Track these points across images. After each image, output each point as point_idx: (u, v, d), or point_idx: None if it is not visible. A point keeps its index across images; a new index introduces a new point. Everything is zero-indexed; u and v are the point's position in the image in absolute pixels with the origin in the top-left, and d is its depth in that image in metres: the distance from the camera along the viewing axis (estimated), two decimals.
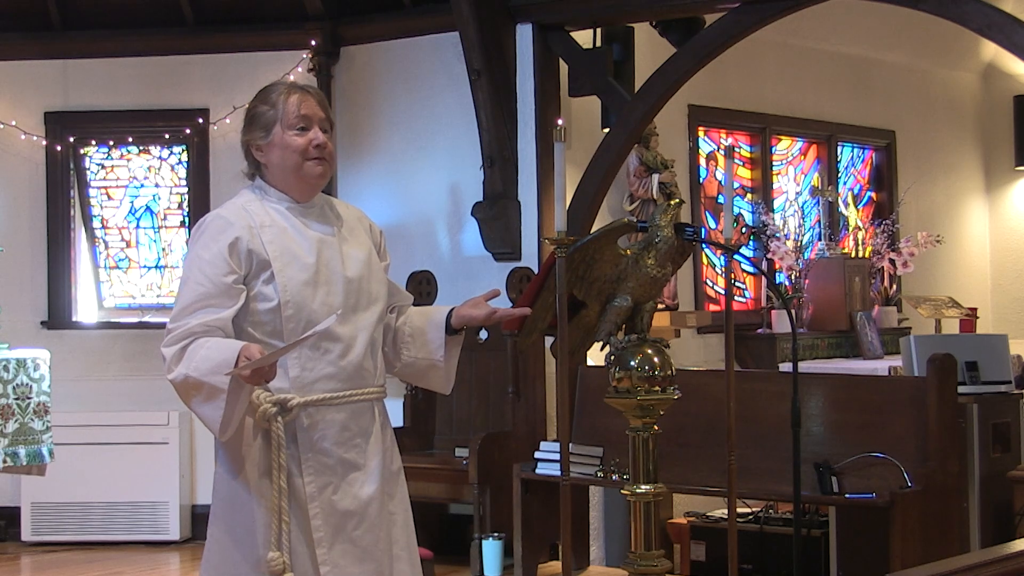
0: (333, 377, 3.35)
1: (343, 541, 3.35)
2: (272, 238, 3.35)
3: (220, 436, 3.26)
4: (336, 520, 3.35)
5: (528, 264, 7.30)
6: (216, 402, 3.20)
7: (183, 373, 3.23)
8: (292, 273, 3.33)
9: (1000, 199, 10.89)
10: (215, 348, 3.22)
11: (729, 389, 4.20)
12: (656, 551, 3.99)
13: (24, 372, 6.54)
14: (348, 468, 3.37)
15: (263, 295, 3.32)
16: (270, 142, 3.41)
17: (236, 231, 3.33)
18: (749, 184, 9.17)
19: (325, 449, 3.35)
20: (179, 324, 3.28)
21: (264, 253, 3.33)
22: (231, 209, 3.41)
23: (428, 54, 7.72)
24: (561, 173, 3.79)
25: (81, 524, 7.88)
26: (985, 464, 6.26)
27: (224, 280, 3.29)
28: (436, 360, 3.55)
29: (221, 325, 3.28)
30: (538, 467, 6.44)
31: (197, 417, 3.32)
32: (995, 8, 6.18)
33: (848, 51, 9.61)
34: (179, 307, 3.31)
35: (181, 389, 3.27)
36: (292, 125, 3.39)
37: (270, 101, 3.43)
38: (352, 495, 3.36)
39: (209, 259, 3.31)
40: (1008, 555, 2.68)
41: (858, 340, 8.83)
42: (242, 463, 3.34)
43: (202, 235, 3.37)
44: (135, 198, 8.37)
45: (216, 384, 3.18)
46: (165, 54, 8.18)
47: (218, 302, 3.28)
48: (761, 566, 6.53)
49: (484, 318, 3.52)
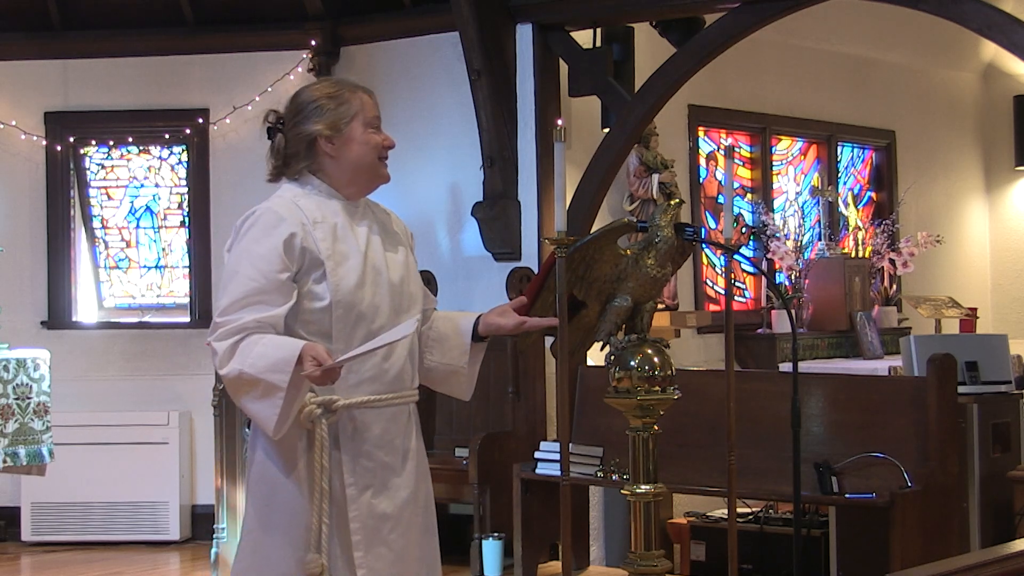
0: (376, 380, 3.33)
1: (379, 544, 3.33)
2: (324, 236, 3.31)
3: (273, 435, 3.23)
4: (374, 523, 3.33)
5: (528, 264, 7.30)
6: (272, 400, 3.17)
7: (237, 368, 3.20)
8: (343, 273, 3.29)
9: (1000, 199, 10.89)
10: (272, 345, 3.19)
11: (729, 389, 4.19)
12: (656, 551, 3.99)
13: (24, 372, 6.54)
14: (387, 471, 3.36)
15: (314, 294, 3.28)
16: (347, 136, 3.37)
17: (290, 227, 3.29)
18: (749, 184, 9.17)
19: (367, 452, 3.33)
20: (230, 318, 3.24)
21: (317, 251, 3.29)
22: (281, 204, 3.35)
23: (428, 54, 7.72)
24: (561, 173, 3.79)
25: (81, 524, 7.89)
26: (985, 464, 6.26)
27: (278, 276, 3.25)
28: (459, 367, 3.52)
29: (274, 323, 3.24)
30: (538, 467, 6.44)
31: (247, 413, 3.29)
32: (995, 8, 6.18)
33: (848, 51, 9.61)
34: (229, 300, 3.27)
35: (233, 385, 3.25)
36: (371, 124, 3.40)
37: (341, 97, 3.39)
38: (389, 498, 3.35)
39: (262, 254, 3.26)
40: (1008, 555, 2.68)
41: (858, 340, 8.83)
42: (282, 463, 3.30)
43: (252, 228, 3.32)
44: (135, 198, 8.38)
45: (274, 382, 3.15)
46: (165, 54, 8.18)
47: (270, 299, 3.24)
48: (761, 566, 6.53)
49: (513, 327, 3.51)
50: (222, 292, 3.31)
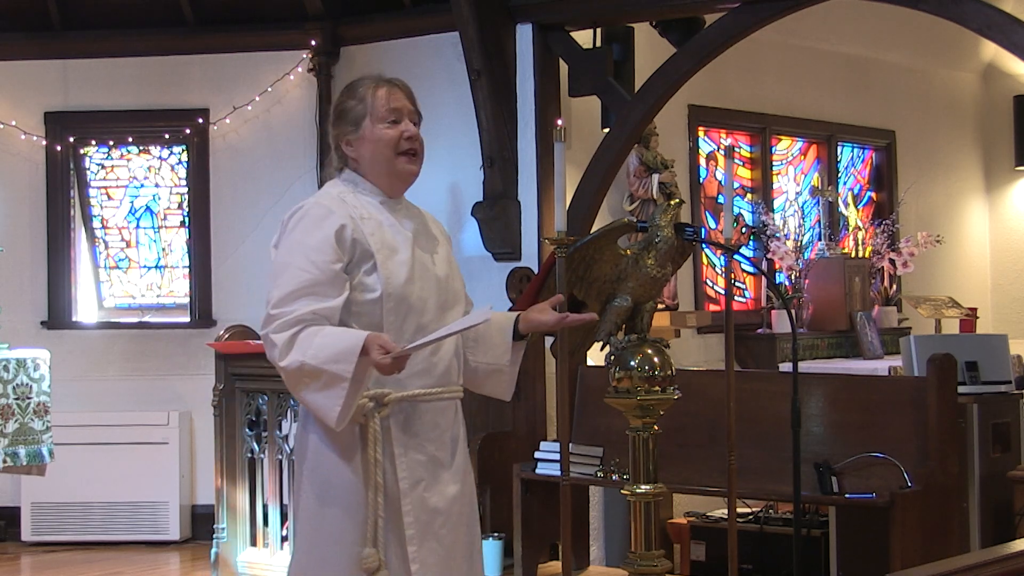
0: (426, 373, 3.35)
1: (431, 539, 3.34)
2: (372, 230, 3.33)
3: (336, 426, 3.21)
4: (426, 517, 3.34)
5: (528, 264, 7.30)
6: (335, 390, 3.16)
7: (298, 360, 3.18)
8: (394, 267, 3.31)
9: (1000, 199, 10.89)
10: (334, 336, 3.19)
11: (729, 389, 4.20)
12: (656, 551, 3.99)
13: (24, 372, 6.54)
14: (437, 466, 3.37)
15: (364, 285, 3.29)
16: (360, 136, 3.40)
17: (340, 219, 3.30)
18: (749, 184, 9.17)
19: (418, 446, 3.35)
20: (286, 310, 3.23)
21: (367, 244, 3.30)
22: (327, 198, 3.37)
23: (428, 54, 7.72)
24: (561, 173, 3.79)
25: (81, 524, 7.89)
26: (985, 464, 6.26)
27: (332, 267, 3.26)
28: (502, 365, 3.52)
29: (329, 315, 3.24)
30: (538, 467, 6.44)
31: (307, 405, 3.27)
32: (995, 8, 6.18)
33: (848, 51, 9.61)
34: (282, 293, 3.25)
35: (294, 377, 3.22)
36: (383, 118, 3.39)
37: (358, 95, 3.43)
38: (440, 492, 3.36)
39: (315, 245, 3.27)
40: (1008, 555, 2.68)
41: (858, 340, 8.83)
42: (336, 457, 3.30)
43: (301, 220, 3.33)
44: (135, 198, 8.38)
45: (338, 372, 3.14)
46: (165, 54, 8.18)
47: (324, 290, 3.24)
48: (761, 566, 6.53)
49: (553, 323, 3.49)
50: (273, 285, 3.29)
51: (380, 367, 3.14)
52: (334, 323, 3.25)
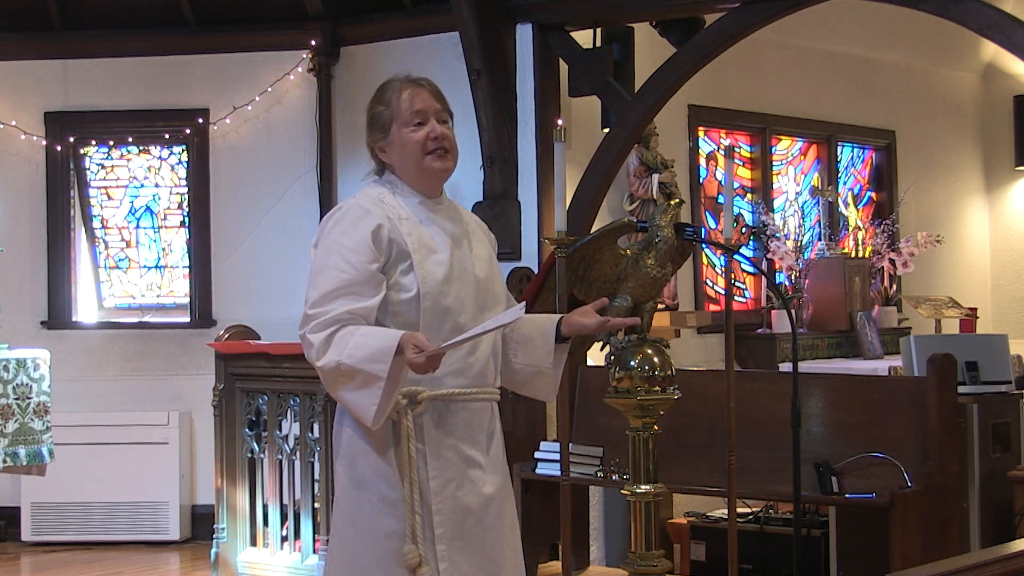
0: (461, 373, 3.36)
1: (461, 538, 3.35)
2: (410, 230, 3.35)
3: (372, 425, 3.23)
4: (458, 517, 3.35)
5: (528, 264, 7.30)
6: (371, 390, 3.18)
7: (335, 360, 3.21)
8: (430, 267, 3.33)
9: (1000, 199, 10.89)
10: (370, 335, 3.21)
11: (729, 389, 4.20)
12: (656, 551, 3.99)
13: (24, 372, 6.54)
14: (471, 465, 3.38)
15: (401, 285, 3.31)
16: (390, 142, 3.44)
17: (377, 219, 3.32)
18: (749, 184, 9.17)
19: (451, 444, 3.36)
20: (323, 310, 3.25)
21: (404, 243, 3.32)
22: (366, 199, 3.40)
23: (428, 54, 7.72)
24: (561, 173, 3.79)
25: (81, 524, 7.88)
26: (985, 464, 6.26)
27: (369, 267, 3.28)
28: (544, 367, 3.53)
29: (365, 314, 3.26)
30: (538, 467, 6.44)
31: (343, 404, 3.30)
32: (995, 8, 6.18)
33: (848, 51, 9.61)
34: (320, 293, 3.27)
35: (331, 376, 3.25)
36: (408, 122, 3.42)
37: (385, 100, 3.46)
38: (475, 492, 3.37)
39: (351, 246, 3.29)
40: (1008, 555, 2.68)
41: (858, 340, 8.83)
42: (370, 455, 3.33)
43: (339, 222, 3.35)
44: (135, 198, 8.38)
45: (374, 372, 3.17)
46: (165, 54, 8.18)
47: (361, 290, 3.27)
48: (761, 566, 6.53)
49: (596, 326, 3.52)
50: (311, 285, 3.31)
51: (414, 366, 3.16)
52: (371, 322, 3.27)
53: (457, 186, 7.61)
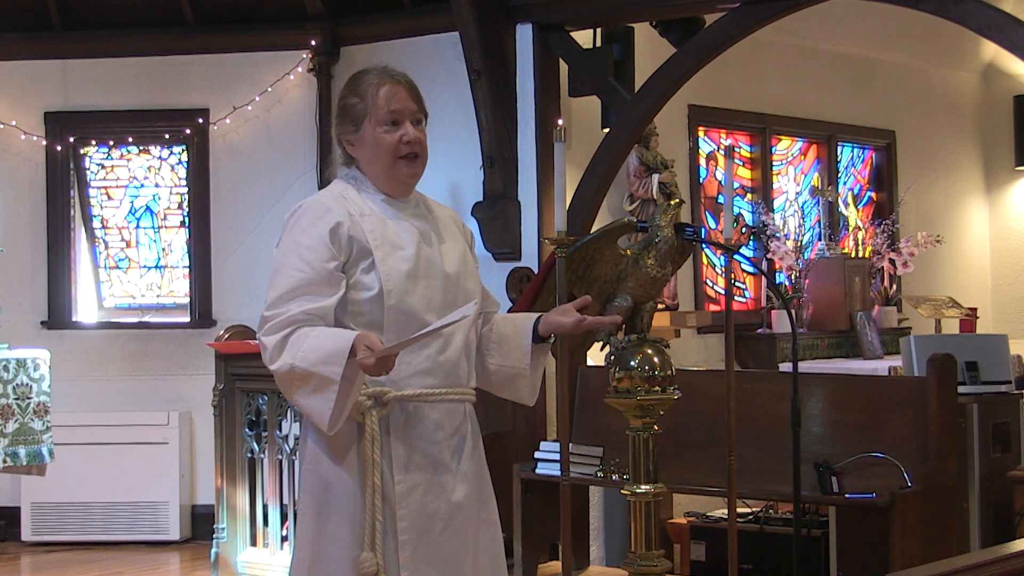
0: (429, 373, 3.24)
1: (427, 545, 3.23)
2: (372, 227, 3.24)
3: (328, 430, 3.13)
4: (424, 523, 3.23)
5: (528, 264, 7.30)
6: (325, 393, 3.09)
7: (288, 363, 3.13)
8: (393, 263, 3.22)
9: (1000, 199, 10.89)
10: (324, 337, 3.11)
11: (729, 389, 4.19)
12: (656, 551, 3.99)
13: (24, 372, 6.54)
14: (440, 470, 3.26)
15: (363, 284, 3.21)
16: (360, 137, 3.32)
17: (337, 216, 3.22)
18: (749, 184, 9.17)
19: (419, 447, 3.24)
20: (278, 311, 3.17)
21: (365, 241, 3.22)
22: (329, 196, 3.30)
23: (428, 54, 7.72)
24: (561, 173, 3.79)
25: (81, 524, 7.89)
26: (985, 464, 6.26)
27: (326, 266, 3.18)
28: (522, 368, 3.41)
29: (323, 314, 3.16)
30: (538, 467, 6.44)
31: (300, 409, 3.21)
32: (995, 8, 6.18)
33: (848, 51, 9.61)
34: (276, 294, 3.19)
35: (284, 380, 3.17)
36: (382, 121, 3.30)
37: (360, 92, 3.35)
38: (443, 498, 3.25)
39: (309, 244, 3.19)
40: (1008, 555, 2.68)
41: (858, 340, 8.83)
42: (334, 459, 3.22)
43: (299, 220, 3.25)
44: (135, 198, 8.38)
45: (327, 375, 3.07)
46: (165, 54, 8.18)
47: (318, 289, 3.17)
48: (761, 566, 6.53)
49: (573, 325, 3.40)
50: (270, 286, 3.23)
51: (365, 368, 3.05)
52: (329, 323, 3.17)
53: (457, 186, 7.62)
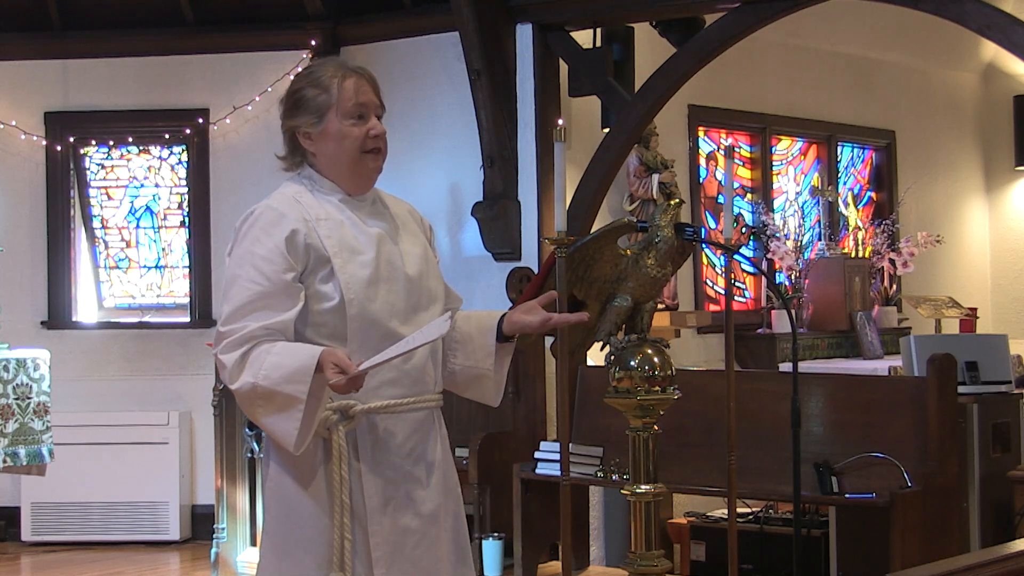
0: (396, 383, 3.09)
1: (402, 561, 3.10)
2: (329, 232, 3.07)
3: (294, 449, 2.98)
4: (396, 538, 3.09)
5: (528, 264, 7.30)
6: (291, 412, 2.94)
7: (250, 382, 2.96)
8: (353, 270, 3.05)
9: (1000, 199, 10.89)
10: (286, 354, 2.96)
11: (729, 389, 4.20)
12: (656, 551, 3.99)
13: (24, 372, 6.54)
14: (411, 483, 3.12)
15: (322, 294, 3.05)
16: (323, 130, 3.14)
17: (292, 223, 3.05)
18: (749, 184, 9.17)
19: (389, 461, 3.10)
20: (235, 327, 3.00)
21: (323, 248, 3.05)
22: (281, 200, 3.12)
23: (428, 54, 7.72)
24: (561, 173, 3.79)
25: (81, 524, 7.88)
26: (985, 464, 6.26)
27: (283, 277, 3.01)
28: (485, 369, 3.24)
29: (282, 328, 3.00)
30: (538, 467, 6.44)
31: (264, 429, 3.05)
32: (995, 8, 6.18)
33: (848, 51, 9.61)
34: (232, 308, 3.02)
35: (246, 400, 3.00)
36: (349, 114, 3.14)
37: (321, 84, 3.17)
38: (414, 511, 3.12)
39: (264, 255, 3.02)
40: (1008, 555, 2.68)
41: (858, 340, 8.83)
42: (299, 477, 3.07)
43: (251, 228, 3.08)
44: (135, 198, 8.38)
45: (292, 393, 2.92)
46: (165, 54, 8.18)
47: (276, 303, 3.00)
48: (761, 566, 6.53)
49: (539, 324, 3.21)
50: (224, 299, 3.06)
51: (335, 387, 2.91)
52: (289, 337, 3.02)
53: (457, 186, 7.62)
